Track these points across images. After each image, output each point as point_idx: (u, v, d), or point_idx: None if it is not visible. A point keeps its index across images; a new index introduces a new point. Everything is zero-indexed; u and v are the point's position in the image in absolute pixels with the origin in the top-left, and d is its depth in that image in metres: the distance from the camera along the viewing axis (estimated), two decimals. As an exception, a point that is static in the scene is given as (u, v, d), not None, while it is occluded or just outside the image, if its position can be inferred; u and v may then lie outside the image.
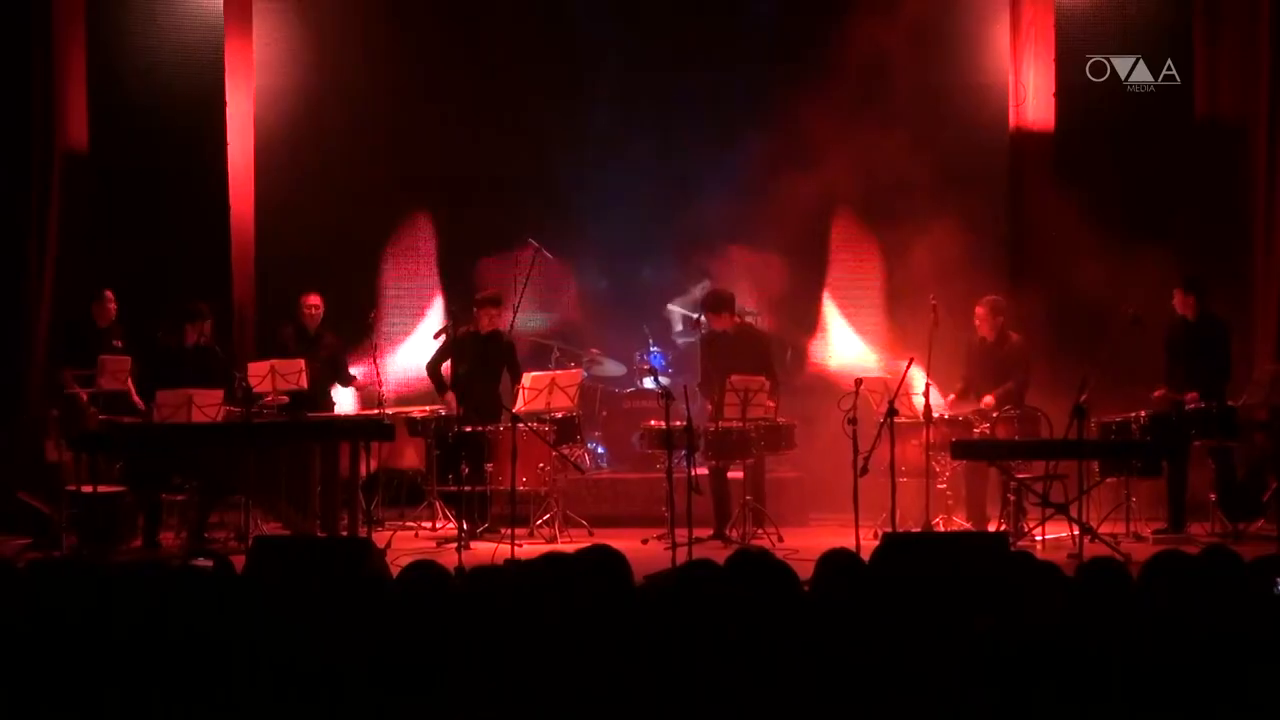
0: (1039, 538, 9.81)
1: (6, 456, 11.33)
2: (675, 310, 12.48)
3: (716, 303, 10.91)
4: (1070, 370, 9.92)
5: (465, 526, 10.21)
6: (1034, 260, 11.84)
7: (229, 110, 12.43)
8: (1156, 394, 10.56)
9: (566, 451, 10.60)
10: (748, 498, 10.37)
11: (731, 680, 4.42)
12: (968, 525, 10.31)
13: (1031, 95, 12.35)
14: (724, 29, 12.76)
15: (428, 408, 11.13)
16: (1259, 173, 11.94)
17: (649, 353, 12.14)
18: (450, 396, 10.90)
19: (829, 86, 11.77)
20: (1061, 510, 9.36)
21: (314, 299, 11.44)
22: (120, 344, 10.77)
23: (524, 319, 11.95)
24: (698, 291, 12.27)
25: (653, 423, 10.43)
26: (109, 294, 10.96)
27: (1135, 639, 4.53)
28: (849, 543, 8.34)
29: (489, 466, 10.49)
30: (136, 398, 10.57)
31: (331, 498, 10.08)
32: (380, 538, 9.94)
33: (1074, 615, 4.72)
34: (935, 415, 10.14)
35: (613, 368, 12.43)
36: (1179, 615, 4.67)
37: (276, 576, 6.10)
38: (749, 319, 11.49)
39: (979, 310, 10.73)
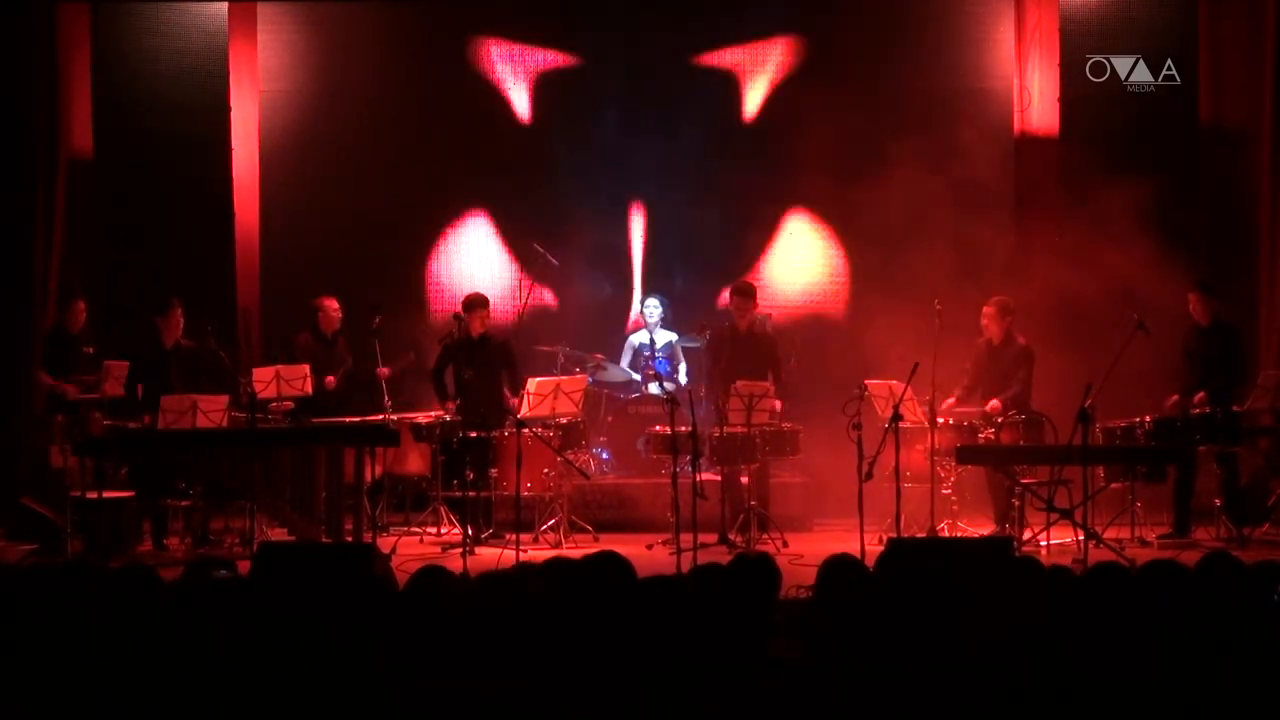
0: (1044, 543, 9.80)
1: (11, 462, 11.34)
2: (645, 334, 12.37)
3: (749, 291, 10.90)
4: (1075, 375, 9.91)
5: (470, 532, 10.22)
6: (1039, 265, 11.83)
7: (234, 116, 12.49)
8: (1170, 400, 10.55)
9: (571, 457, 10.59)
10: (752, 503, 10.36)
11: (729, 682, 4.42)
12: (970, 530, 10.31)
13: (1036, 99, 12.37)
14: (726, 32, 12.76)
15: (432, 413, 11.13)
16: (1264, 177, 11.94)
17: (654, 358, 12.14)
18: (450, 405, 10.91)
19: (833, 92, 11.78)
20: (1066, 515, 9.34)
21: (333, 302, 11.50)
22: (91, 350, 10.81)
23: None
24: (649, 306, 12.26)
25: (658, 428, 10.43)
26: (80, 304, 11.02)
27: (1136, 643, 4.53)
28: (854, 548, 8.34)
29: (494, 472, 10.49)
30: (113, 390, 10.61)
31: (336, 503, 10.08)
32: (385, 543, 9.96)
33: (1079, 619, 4.73)
34: (940, 420, 10.14)
35: (618, 373, 12.43)
36: (1179, 621, 4.68)
37: (282, 582, 6.12)
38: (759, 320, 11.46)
39: (987, 310, 10.69)
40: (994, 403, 10.39)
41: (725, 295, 12.27)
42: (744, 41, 12.76)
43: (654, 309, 12.26)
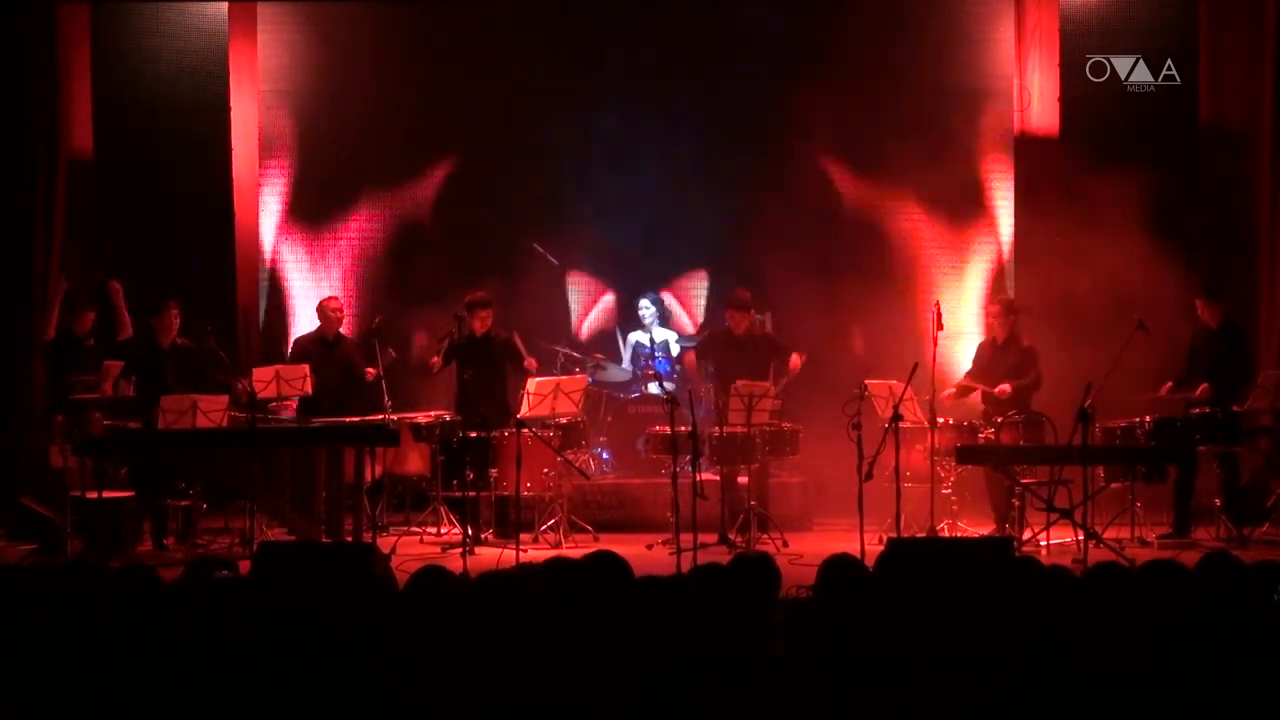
0: (1043, 543, 9.79)
1: (11, 462, 11.34)
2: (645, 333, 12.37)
3: (744, 303, 10.92)
4: (1075, 375, 9.91)
5: (470, 532, 10.22)
6: (1039, 265, 11.83)
7: (234, 116, 12.48)
8: (1164, 389, 10.55)
9: (571, 457, 10.58)
10: (752, 503, 10.37)
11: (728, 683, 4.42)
12: (970, 530, 10.30)
13: (1036, 99, 12.37)
14: (726, 33, 12.76)
15: (432, 413, 11.12)
16: (1264, 177, 11.93)
17: (654, 358, 12.14)
18: (435, 360, 10.97)
19: (833, 92, 11.78)
20: (1066, 515, 9.34)
21: (335, 301, 11.55)
22: (92, 343, 10.81)
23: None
24: (642, 306, 12.27)
25: (657, 428, 10.43)
26: (91, 314, 10.92)
27: (1136, 643, 4.53)
28: (854, 548, 8.33)
29: (494, 472, 10.48)
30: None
31: (336, 503, 10.07)
32: (385, 543, 9.95)
33: (1079, 619, 4.73)
34: (940, 420, 10.15)
35: (617, 373, 12.43)
36: (1179, 621, 4.68)
37: (282, 582, 6.12)
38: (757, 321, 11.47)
39: (993, 309, 10.72)
40: (1004, 386, 10.39)
41: (726, 293, 12.32)
42: (744, 41, 12.73)
43: (646, 308, 12.26)
